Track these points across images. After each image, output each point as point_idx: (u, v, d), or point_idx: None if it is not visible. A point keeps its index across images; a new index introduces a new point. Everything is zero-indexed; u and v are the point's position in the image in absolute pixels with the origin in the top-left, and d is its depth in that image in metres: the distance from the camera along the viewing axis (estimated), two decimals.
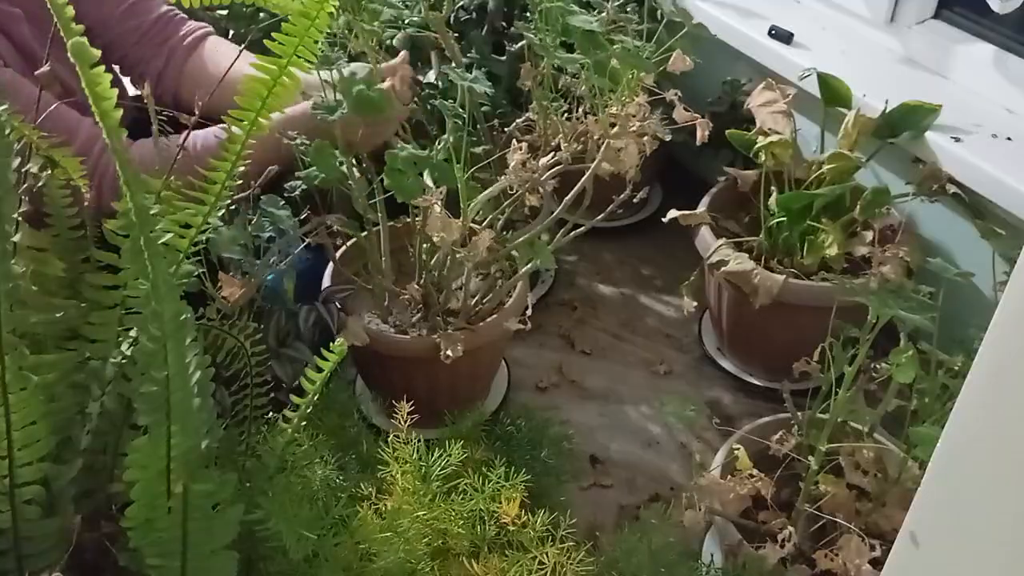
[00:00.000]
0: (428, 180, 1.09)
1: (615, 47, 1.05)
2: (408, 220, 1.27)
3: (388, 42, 1.25)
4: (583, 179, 1.12)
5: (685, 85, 1.20)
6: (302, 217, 1.12)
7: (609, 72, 1.08)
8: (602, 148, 1.08)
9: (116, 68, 1.29)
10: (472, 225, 1.17)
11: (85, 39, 0.57)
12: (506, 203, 1.19)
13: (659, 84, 1.14)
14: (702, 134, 1.14)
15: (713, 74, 1.56)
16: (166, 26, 1.30)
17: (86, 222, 0.83)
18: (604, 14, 1.15)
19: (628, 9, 1.29)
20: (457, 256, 1.16)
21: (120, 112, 0.60)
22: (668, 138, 1.11)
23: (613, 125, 1.08)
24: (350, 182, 1.12)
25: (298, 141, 1.09)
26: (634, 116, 1.06)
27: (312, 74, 1.02)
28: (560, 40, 1.11)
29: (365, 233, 1.21)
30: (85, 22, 0.62)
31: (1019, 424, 0.49)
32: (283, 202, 1.07)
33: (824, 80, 1.35)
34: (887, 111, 1.30)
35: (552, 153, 1.16)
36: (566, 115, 1.26)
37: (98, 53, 0.58)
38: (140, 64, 1.29)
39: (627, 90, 1.08)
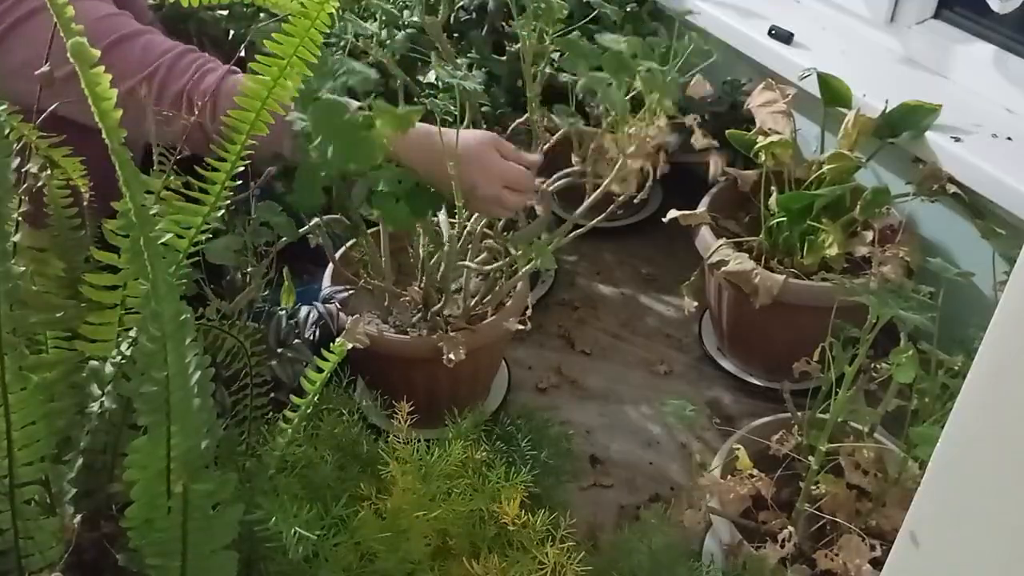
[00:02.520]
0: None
1: (640, 69, 1.03)
2: None
3: (388, 42, 1.24)
4: (593, 196, 1.11)
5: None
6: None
7: (631, 94, 1.06)
8: (616, 167, 1.07)
9: None
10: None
11: (85, 39, 0.57)
12: None
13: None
14: (715, 170, 1.13)
15: (713, 74, 1.56)
16: None
17: (86, 222, 0.83)
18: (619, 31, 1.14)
19: (629, 9, 1.29)
20: (459, 263, 1.16)
21: (120, 113, 0.60)
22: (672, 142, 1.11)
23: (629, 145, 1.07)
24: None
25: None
26: (652, 138, 1.05)
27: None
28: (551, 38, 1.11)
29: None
30: None
31: (1019, 424, 0.49)
32: (281, 208, 1.06)
33: (824, 80, 1.35)
34: (887, 111, 1.30)
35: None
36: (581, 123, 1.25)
37: (97, 53, 0.58)
38: None
39: (649, 113, 1.07)
